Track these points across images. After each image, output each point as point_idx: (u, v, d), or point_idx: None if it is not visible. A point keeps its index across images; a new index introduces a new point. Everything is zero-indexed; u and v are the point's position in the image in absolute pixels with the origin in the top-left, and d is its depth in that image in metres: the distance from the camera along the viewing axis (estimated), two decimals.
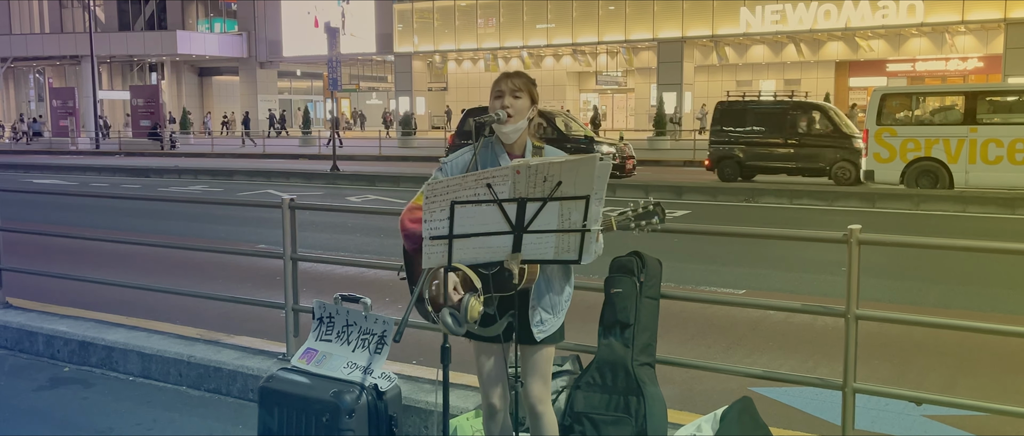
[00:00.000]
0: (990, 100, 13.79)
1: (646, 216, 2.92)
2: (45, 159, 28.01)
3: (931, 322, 4.00)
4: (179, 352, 4.90)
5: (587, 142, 17.42)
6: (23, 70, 55.66)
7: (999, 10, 29.85)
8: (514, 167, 2.49)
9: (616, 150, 17.43)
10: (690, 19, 35.45)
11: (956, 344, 5.55)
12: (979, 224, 11.42)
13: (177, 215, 12.84)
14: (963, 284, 7.53)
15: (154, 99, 37.68)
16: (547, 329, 2.92)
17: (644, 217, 2.92)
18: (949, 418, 4.12)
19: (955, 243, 4.91)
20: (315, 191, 17.12)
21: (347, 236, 10.70)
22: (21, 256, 6.93)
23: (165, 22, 50.40)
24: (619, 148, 17.76)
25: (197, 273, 8.09)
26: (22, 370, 5.21)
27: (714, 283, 7.52)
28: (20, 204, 13.01)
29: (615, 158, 17.02)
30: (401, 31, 42.78)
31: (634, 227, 2.93)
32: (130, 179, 21.18)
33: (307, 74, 54.76)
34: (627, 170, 17.57)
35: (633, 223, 2.92)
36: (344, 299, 3.79)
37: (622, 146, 18.22)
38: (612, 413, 3.38)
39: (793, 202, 13.92)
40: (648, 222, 2.92)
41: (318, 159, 25.64)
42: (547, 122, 17.66)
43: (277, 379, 3.63)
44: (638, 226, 2.93)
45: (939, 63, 35.65)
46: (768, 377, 3.94)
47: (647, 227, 2.93)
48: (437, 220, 2.51)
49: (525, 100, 2.90)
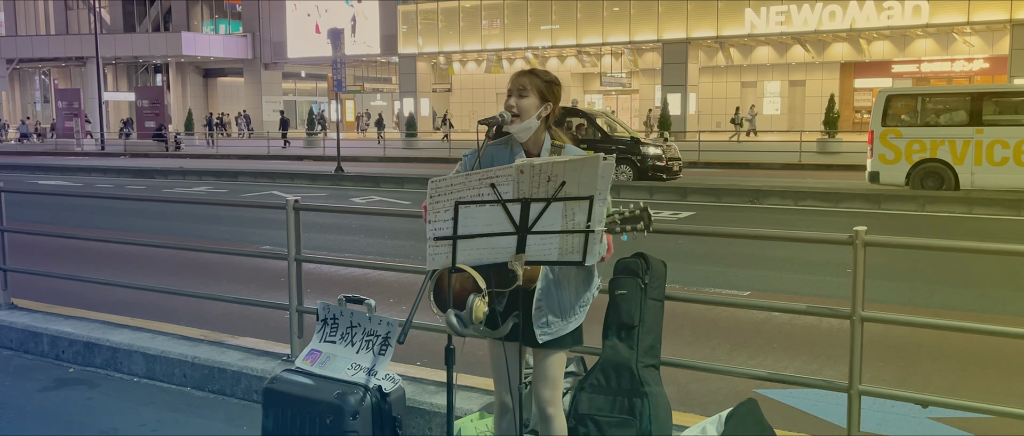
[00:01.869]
0: (996, 101, 13.73)
1: (632, 220, 2.89)
2: (50, 160, 28.08)
3: (937, 324, 3.98)
4: (183, 353, 4.90)
5: (633, 143, 16.95)
6: (29, 71, 55.87)
7: (1005, 11, 29.78)
8: (518, 167, 2.47)
9: (663, 152, 16.98)
10: (695, 20, 35.42)
11: (962, 346, 5.53)
12: (985, 226, 11.39)
13: (182, 216, 12.86)
14: (969, 286, 7.50)
15: (159, 100, 37.79)
16: (553, 332, 2.89)
17: (630, 221, 2.89)
18: (955, 420, 4.10)
19: (961, 245, 4.89)
20: (319, 192, 17.13)
21: (351, 237, 10.70)
22: (26, 257, 6.95)
23: (170, 24, 50.55)
24: (665, 150, 17.24)
25: (201, 274, 8.10)
26: (27, 371, 5.22)
27: (719, 284, 7.50)
28: (25, 205, 13.05)
29: (662, 160, 16.74)
30: (405, 32, 42.83)
31: (619, 230, 2.90)
32: (135, 180, 21.22)
33: (312, 75, 54.87)
34: (674, 172, 17.02)
35: (618, 226, 2.89)
36: (348, 300, 3.79)
37: (668, 148, 17.59)
38: (617, 415, 3.38)
39: (798, 203, 13.89)
40: (633, 227, 2.88)
41: (322, 160, 25.67)
42: (588, 122, 17.40)
43: (281, 380, 3.63)
44: (622, 230, 2.90)
45: (944, 64, 35.58)
46: (773, 379, 3.93)
47: (632, 232, 2.90)
48: (441, 221, 2.50)
49: (532, 98, 2.87)
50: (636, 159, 16.67)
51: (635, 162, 16.68)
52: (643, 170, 16.63)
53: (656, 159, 16.71)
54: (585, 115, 17.97)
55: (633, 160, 16.67)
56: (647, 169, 16.63)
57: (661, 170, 16.69)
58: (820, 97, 35.99)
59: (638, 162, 16.65)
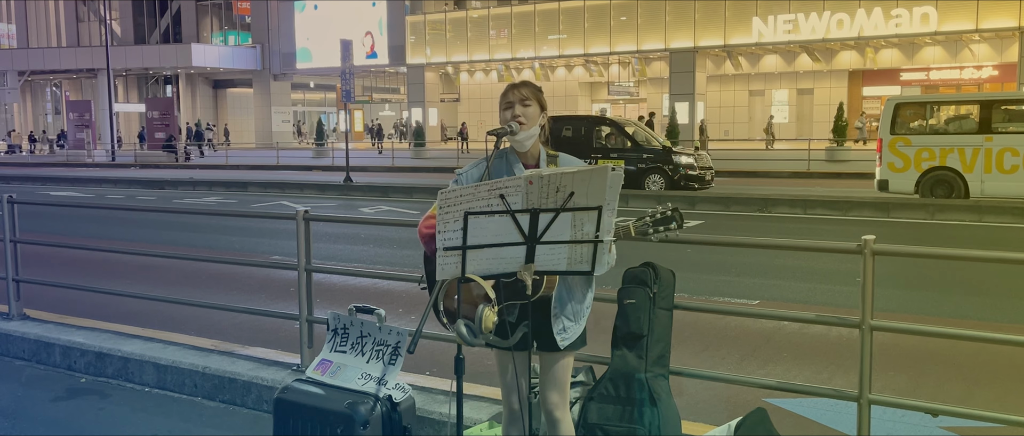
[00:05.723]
0: (1005, 109, 13.69)
1: (664, 221, 2.92)
2: (62, 171, 28.25)
3: (947, 333, 3.97)
4: (194, 363, 4.93)
5: (665, 152, 16.60)
6: (40, 83, 56.28)
7: (1014, 18, 29.70)
8: (527, 177, 2.49)
9: (695, 161, 16.63)
10: (702, 29, 35.44)
11: (972, 355, 5.51)
12: (995, 234, 11.34)
13: (192, 227, 12.93)
14: (979, 295, 7.47)
15: (169, 111, 38.01)
16: (569, 336, 2.92)
17: (662, 222, 2.92)
18: (966, 429, 4.08)
19: (971, 254, 4.87)
20: (329, 202, 17.19)
21: (361, 247, 10.74)
22: (38, 268, 7.00)
23: (180, 35, 50.89)
24: (697, 159, 16.85)
25: (212, 284, 8.14)
26: (40, 381, 5.25)
27: (728, 294, 7.49)
28: (38, 216, 13.14)
29: (695, 169, 16.42)
30: (413, 42, 42.99)
31: (652, 232, 2.93)
32: (145, 191, 21.34)
33: (321, 86, 55.10)
34: (706, 181, 16.60)
35: (651, 229, 2.92)
36: (358, 310, 3.80)
37: (701, 157, 17.14)
38: (626, 424, 3.38)
39: (807, 212, 13.86)
40: (666, 227, 2.92)
41: (331, 170, 25.75)
42: (617, 131, 17.16)
43: (292, 390, 3.65)
44: (656, 231, 2.93)
45: (953, 72, 35.48)
46: (783, 388, 3.92)
47: (665, 233, 2.93)
48: (451, 231, 2.52)
49: (534, 107, 2.92)
50: (668, 168, 16.27)
51: (667, 171, 16.26)
52: (676, 180, 16.18)
53: (689, 168, 16.33)
54: (614, 124, 17.68)
55: (665, 169, 16.28)
56: (680, 179, 16.17)
57: (694, 179, 16.25)
58: (828, 105, 35.93)
59: (670, 171, 16.24)
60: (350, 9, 44.57)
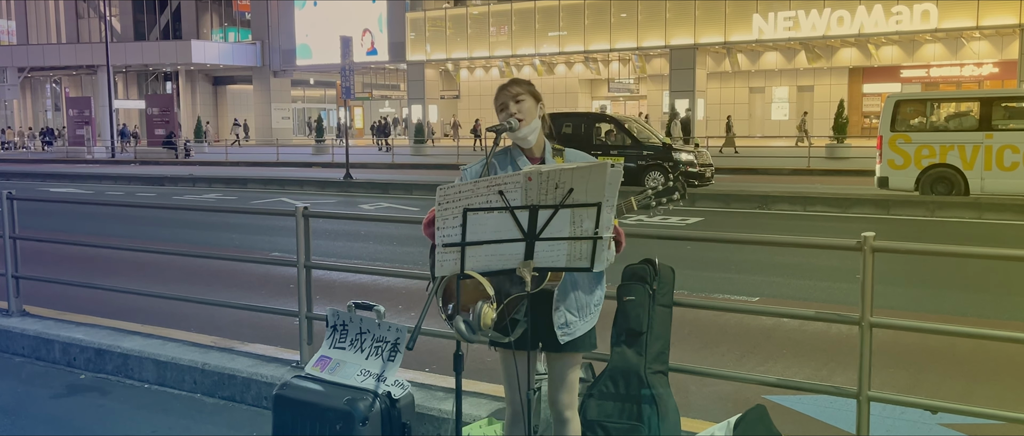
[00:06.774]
0: (1006, 106, 13.68)
1: (667, 192, 2.88)
2: (61, 168, 28.24)
3: (946, 330, 3.96)
4: (194, 359, 4.93)
5: (665, 149, 16.59)
6: (40, 80, 56.28)
7: (1014, 15, 29.68)
8: (526, 174, 2.49)
9: (695, 158, 16.65)
10: (702, 26, 35.42)
11: (972, 352, 5.51)
12: (995, 231, 11.34)
13: (192, 223, 12.92)
14: (979, 292, 7.47)
15: (169, 108, 38.00)
16: (572, 332, 2.86)
17: (665, 193, 2.88)
18: (965, 427, 4.08)
19: (970, 250, 4.87)
20: (328, 199, 17.19)
21: (360, 244, 10.73)
22: (38, 264, 7.00)
23: (180, 32, 50.88)
24: (698, 155, 16.87)
25: (211, 281, 8.14)
26: (39, 377, 5.25)
27: (727, 290, 7.49)
28: (36, 213, 13.14)
29: (695, 167, 16.42)
30: (413, 39, 42.97)
31: (654, 205, 2.89)
32: (145, 187, 21.33)
33: (321, 83, 55.08)
34: (706, 178, 16.62)
35: (653, 200, 2.88)
36: (358, 307, 3.80)
37: (701, 154, 17.13)
38: (625, 421, 3.38)
39: (807, 209, 13.85)
40: (669, 199, 2.87)
41: (331, 167, 25.75)
42: (618, 128, 17.20)
43: (291, 386, 3.65)
44: (658, 203, 2.89)
45: (954, 69, 35.47)
46: (782, 385, 3.92)
47: (668, 204, 2.89)
48: (450, 227, 2.51)
49: (529, 101, 2.90)
50: (668, 165, 16.29)
51: (667, 168, 16.27)
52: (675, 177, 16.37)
53: (689, 165, 16.35)
54: (614, 121, 17.76)
55: (665, 167, 16.30)
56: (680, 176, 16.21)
57: (694, 176, 16.26)
58: (828, 102, 35.92)
59: (670, 168, 16.24)
60: (350, 5, 44.56)
